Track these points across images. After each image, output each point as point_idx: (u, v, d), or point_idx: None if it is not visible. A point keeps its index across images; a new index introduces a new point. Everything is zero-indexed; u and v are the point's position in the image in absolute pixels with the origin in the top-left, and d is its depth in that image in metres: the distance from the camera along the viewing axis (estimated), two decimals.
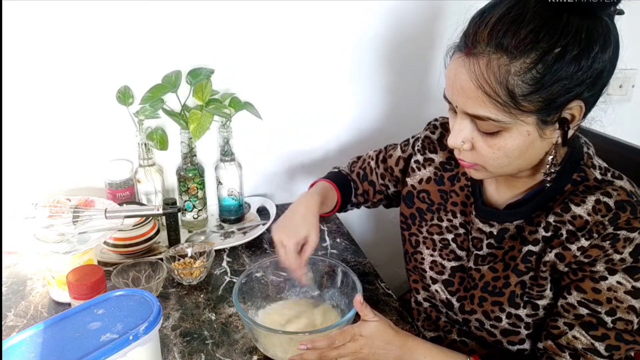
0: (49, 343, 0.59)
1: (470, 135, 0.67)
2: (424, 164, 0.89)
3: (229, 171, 1.12)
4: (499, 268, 0.77)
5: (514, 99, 0.60)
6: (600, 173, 0.70)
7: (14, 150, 1.06)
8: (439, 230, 0.86)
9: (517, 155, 0.66)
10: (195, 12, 1.06)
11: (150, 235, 1.03)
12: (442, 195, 0.86)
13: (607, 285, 0.66)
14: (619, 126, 1.09)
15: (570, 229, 0.68)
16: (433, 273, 0.86)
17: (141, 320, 0.62)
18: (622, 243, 0.64)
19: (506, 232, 0.76)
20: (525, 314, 0.74)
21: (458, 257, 0.83)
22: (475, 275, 0.80)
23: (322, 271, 0.90)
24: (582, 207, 0.67)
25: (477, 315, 0.78)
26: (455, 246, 0.83)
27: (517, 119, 0.62)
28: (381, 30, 1.20)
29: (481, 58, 0.61)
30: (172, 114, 1.07)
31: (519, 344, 0.76)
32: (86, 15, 1.00)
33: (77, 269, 0.81)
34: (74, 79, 1.04)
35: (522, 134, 0.63)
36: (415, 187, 0.90)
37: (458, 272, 0.83)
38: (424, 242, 0.88)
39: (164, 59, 1.07)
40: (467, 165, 0.71)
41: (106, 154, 1.12)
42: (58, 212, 0.90)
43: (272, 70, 1.16)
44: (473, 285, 0.80)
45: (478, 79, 0.61)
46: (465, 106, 0.64)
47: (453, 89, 0.65)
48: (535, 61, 0.59)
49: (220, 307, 0.90)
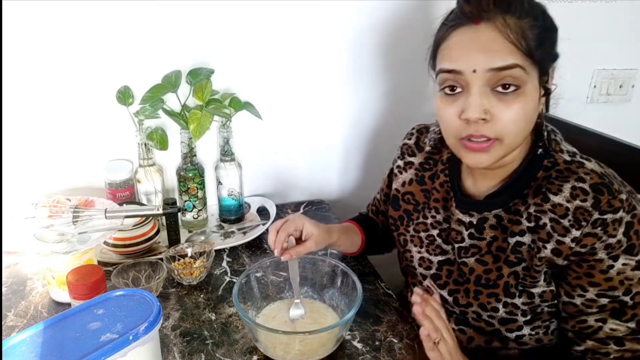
0: (49, 343, 0.59)
1: (489, 104, 0.69)
2: (405, 167, 0.94)
3: (229, 171, 1.12)
4: (488, 261, 0.79)
5: (530, 49, 0.67)
6: (568, 155, 0.75)
7: (14, 150, 1.06)
8: (425, 228, 0.89)
9: (528, 117, 0.70)
10: (195, 12, 1.06)
11: (150, 235, 1.03)
12: (425, 195, 0.90)
13: (616, 271, 0.70)
14: (619, 126, 1.10)
15: (553, 217, 0.72)
16: (422, 269, 0.89)
17: (141, 320, 0.62)
18: (612, 226, 0.68)
19: (485, 222, 0.79)
20: (522, 302, 0.77)
21: (444, 251, 0.86)
22: (464, 269, 0.82)
23: (322, 271, 0.90)
24: (560, 195, 0.71)
25: (474, 308, 0.81)
26: (441, 241, 0.87)
27: (532, 71, 0.68)
28: (381, 29, 1.20)
29: (495, 20, 0.67)
30: (172, 114, 1.07)
31: (517, 331, 0.79)
32: (86, 15, 1.00)
33: (77, 269, 0.81)
34: (74, 79, 1.04)
35: (532, 91, 0.69)
36: (400, 191, 0.94)
37: (445, 266, 0.86)
38: (411, 241, 0.91)
39: (164, 59, 1.07)
40: (482, 148, 0.71)
41: (106, 154, 1.12)
42: (58, 212, 0.90)
43: (272, 70, 1.16)
44: (465, 280, 0.82)
45: (503, 32, 0.67)
46: (492, 61, 0.67)
47: (470, 53, 0.68)
48: (535, 20, 0.68)
49: (220, 307, 0.90)
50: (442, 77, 0.72)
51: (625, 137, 0.98)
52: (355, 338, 0.83)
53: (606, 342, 0.73)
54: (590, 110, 1.44)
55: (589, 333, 0.74)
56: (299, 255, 0.85)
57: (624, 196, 0.68)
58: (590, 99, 1.44)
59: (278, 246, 0.83)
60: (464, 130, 0.71)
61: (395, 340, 0.83)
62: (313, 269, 0.91)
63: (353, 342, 0.82)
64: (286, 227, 0.84)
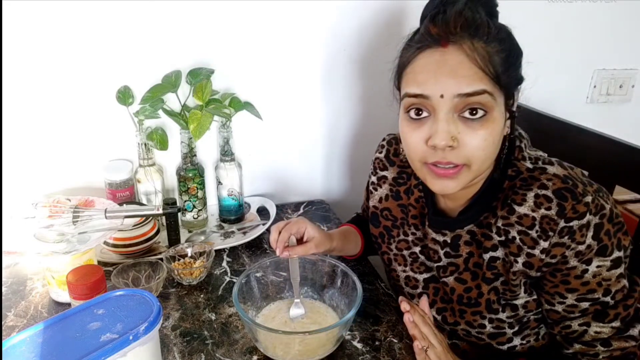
0: (49, 343, 0.59)
1: (457, 130, 0.67)
2: (379, 183, 0.93)
3: (229, 171, 1.12)
4: (467, 278, 0.79)
5: (497, 74, 0.66)
6: (530, 163, 0.74)
7: (14, 150, 1.06)
8: (407, 245, 0.88)
9: (495, 142, 0.69)
10: (195, 12, 1.06)
11: (150, 235, 1.03)
12: (402, 210, 0.89)
13: (592, 274, 0.69)
14: (619, 126, 1.10)
15: (520, 229, 0.71)
16: (409, 288, 0.89)
17: (141, 320, 0.62)
18: (579, 233, 0.67)
19: (459, 239, 0.79)
20: (506, 316, 0.77)
21: (428, 268, 0.86)
22: (446, 289, 0.82)
23: (322, 271, 0.90)
24: (524, 205, 0.71)
25: (462, 326, 0.81)
26: (424, 258, 0.86)
27: (498, 97, 0.67)
28: (381, 29, 1.20)
29: (463, 44, 0.66)
30: (172, 114, 1.07)
31: (507, 343, 0.79)
32: (86, 15, 1.00)
33: (77, 269, 0.81)
34: (74, 79, 1.04)
35: (498, 116, 0.68)
36: (377, 207, 0.93)
37: (431, 283, 0.85)
38: (395, 260, 0.90)
39: (164, 59, 1.07)
40: (446, 173, 0.70)
41: (106, 154, 1.12)
42: (58, 212, 0.90)
43: (272, 70, 1.16)
44: (448, 300, 0.82)
45: (471, 56, 0.65)
46: (459, 87, 0.65)
47: (437, 78, 0.67)
48: (500, 45, 0.67)
49: (220, 307, 0.90)
50: (407, 101, 0.70)
51: (625, 137, 0.98)
52: (355, 338, 0.83)
53: (593, 344, 0.73)
54: (590, 110, 1.44)
55: (575, 337, 0.74)
56: (299, 255, 0.85)
57: (589, 198, 0.67)
58: (590, 99, 1.44)
59: (280, 245, 0.83)
60: (430, 156, 0.69)
61: (395, 340, 0.83)
62: (313, 269, 0.91)
63: (353, 342, 0.82)
64: (289, 228, 0.85)
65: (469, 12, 0.67)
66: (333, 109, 1.26)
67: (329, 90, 1.23)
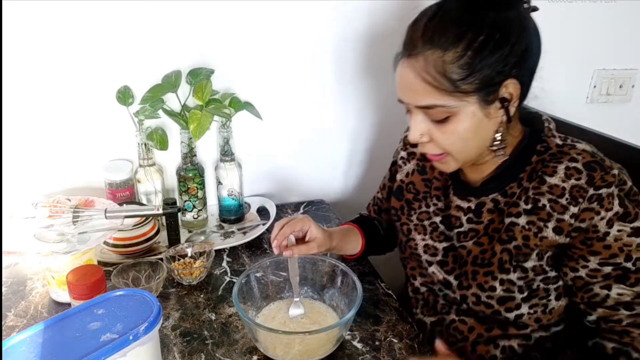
0: (49, 343, 0.59)
1: (427, 128, 0.76)
2: (408, 158, 0.98)
3: (229, 171, 1.12)
4: (484, 242, 0.82)
5: (453, 83, 0.70)
6: (560, 140, 0.79)
7: (14, 150, 1.06)
8: (428, 216, 0.91)
9: (470, 136, 0.74)
10: (195, 12, 1.06)
11: (150, 235, 1.03)
12: (426, 184, 0.93)
13: (613, 238, 0.73)
14: (619, 126, 1.10)
15: (551, 197, 0.75)
16: (427, 256, 0.90)
17: (141, 320, 0.62)
18: (607, 200, 0.72)
19: (483, 206, 0.83)
20: (517, 277, 0.79)
21: (448, 238, 0.88)
22: (462, 252, 0.85)
23: (322, 271, 0.90)
24: (555, 176, 0.75)
25: (473, 290, 0.82)
26: (444, 227, 0.89)
27: (460, 101, 0.71)
28: (383, 28, 1.20)
29: (419, 56, 0.71)
30: (172, 114, 1.07)
31: (515, 310, 0.81)
32: (86, 15, 1.00)
33: (77, 269, 0.81)
34: (74, 79, 1.04)
35: (469, 115, 0.72)
36: (404, 181, 0.97)
37: (450, 252, 0.88)
38: (415, 229, 0.93)
39: (164, 59, 1.07)
40: (433, 159, 0.80)
41: (106, 154, 1.12)
42: (58, 212, 0.90)
43: (272, 70, 1.16)
44: (463, 262, 0.85)
45: (420, 73, 0.71)
46: (416, 100, 0.74)
47: (402, 89, 0.75)
48: (465, 49, 0.69)
49: (220, 307, 0.90)
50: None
51: (625, 137, 0.98)
52: (355, 338, 0.83)
53: (616, 308, 0.74)
54: (590, 110, 1.44)
55: (597, 302, 0.76)
56: (300, 254, 0.85)
57: (615, 171, 0.72)
58: (590, 99, 1.44)
59: (280, 238, 0.84)
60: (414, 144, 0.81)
61: (395, 340, 0.83)
62: (313, 269, 0.91)
63: (353, 342, 0.82)
64: (292, 225, 0.86)
65: (436, 20, 0.71)
66: (333, 108, 1.26)
67: (329, 90, 1.23)
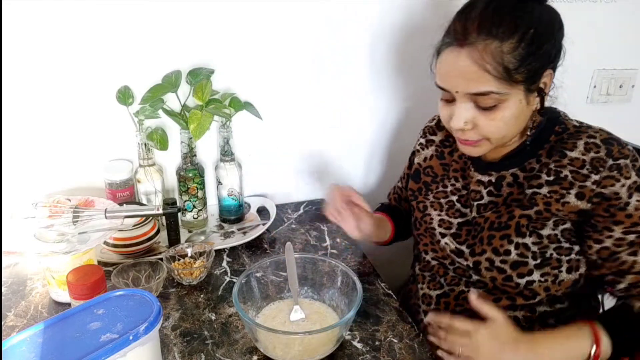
0: (49, 343, 0.59)
1: (472, 115, 0.79)
2: (426, 145, 1.03)
3: (229, 171, 1.12)
4: (502, 210, 0.86)
5: (509, 73, 0.74)
6: (577, 122, 0.86)
7: (14, 150, 1.06)
8: (445, 195, 0.96)
9: (513, 122, 0.79)
10: (195, 12, 1.06)
11: (150, 235, 1.03)
12: (444, 167, 0.98)
13: (633, 207, 0.78)
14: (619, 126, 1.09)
15: (572, 168, 0.80)
16: (441, 229, 0.95)
17: (141, 320, 0.62)
18: (625, 169, 0.77)
19: (503, 180, 0.88)
20: (532, 242, 0.82)
21: (463, 214, 0.93)
22: (479, 221, 0.89)
23: (322, 271, 0.90)
24: (575, 150, 0.81)
25: (487, 255, 0.85)
26: (460, 205, 0.94)
27: (512, 89, 0.75)
28: (385, 28, 1.20)
29: (477, 45, 0.74)
30: (172, 114, 1.07)
31: (527, 276, 0.83)
32: (86, 15, 1.00)
33: (77, 269, 0.81)
34: (74, 78, 1.04)
35: (515, 103, 0.77)
36: (421, 165, 1.02)
37: (464, 226, 0.92)
38: (431, 206, 0.97)
39: (164, 59, 1.07)
40: (471, 143, 0.83)
41: (106, 154, 1.12)
42: (58, 212, 0.90)
43: (272, 70, 1.16)
44: (480, 229, 0.88)
45: (478, 61, 0.74)
46: (468, 87, 0.76)
47: (451, 77, 0.78)
48: (519, 41, 0.73)
49: (220, 307, 0.90)
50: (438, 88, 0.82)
51: (625, 137, 0.97)
52: (355, 338, 0.83)
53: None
54: (590, 110, 1.44)
55: (626, 269, 0.79)
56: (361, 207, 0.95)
57: (630, 147, 0.79)
58: (590, 99, 1.44)
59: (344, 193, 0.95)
60: (454, 131, 0.83)
61: (395, 340, 0.83)
62: (313, 269, 0.91)
63: (353, 342, 0.82)
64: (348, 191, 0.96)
65: (491, 12, 0.74)
66: (333, 108, 1.26)
67: (329, 90, 1.23)
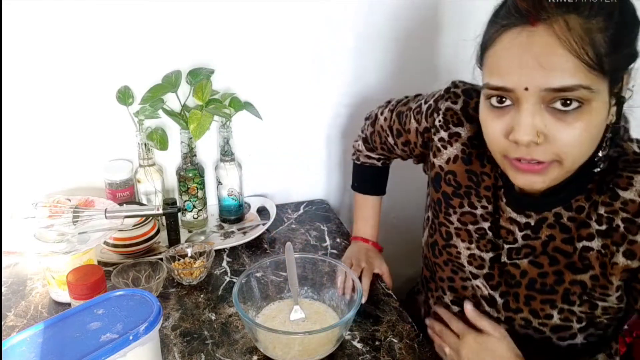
0: (49, 343, 0.59)
1: (543, 124, 0.58)
2: (450, 140, 0.78)
3: (229, 171, 1.12)
4: (544, 262, 0.70)
5: (599, 58, 0.55)
6: (638, 146, 0.66)
7: (13, 150, 1.06)
8: (474, 219, 0.76)
9: (594, 136, 0.60)
10: (195, 12, 1.06)
11: (150, 235, 1.03)
12: (470, 177, 0.76)
13: None
14: None
15: (625, 216, 0.64)
16: (473, 268, 0.77)
17: (141, 320, 0.62)
18: None
19: (544, 222, 0.69)
20: (580, 310, 0.69)
21: (495, 247, 0.75)
22: (513, 271, 0.73)
23: (322, 271, 0.90)
24: (630, 190, 0.63)
25: (524, 314, 0.73)
26: (492, 235, 0.75)
27: (600, 86, 0.57)
28: (383, 28, 1.20)
29: (556, 22, 0.55)
30: (172, 114, 1.07)
31: (569, 340, 0.72)
32: (86, 15, 1.00)
33: (77, 269, 0.81)
34: (74, 78, 1.04)
35: (600, 108, 0.58)
36: (443, 169, 0.80)
37: (496, 264, 0.76)
38: (457, 234, 0.78)
39: (164, 59, 1.07)
40: (536, 169, 0.61)
41: (106, 154, 1.12)
42: (58, 212, 0.90)
43: (272, 70, 1.16)
44: (515, 283, 0.73)
45: (563, 43, 0.55)
46: (548, 80, 0.56)
47: (520, 69, 0.57)
48: (606, 20, 0.56)
49: (220, 307, 0.90)
50: (488, 92, 0.62)
51: None
52: (355, 338, 0.83)
53: None
54: None
55: None
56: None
57: None
58: None
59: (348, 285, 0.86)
60: (512, 150, 0.61)
61: (395, 340, 0.83)
62: (313, 269, 0.91)
63: (353, 342, 0.82)
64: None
65: None
66: (333, 108, 1.26)
67: (329, 90, 1.23)
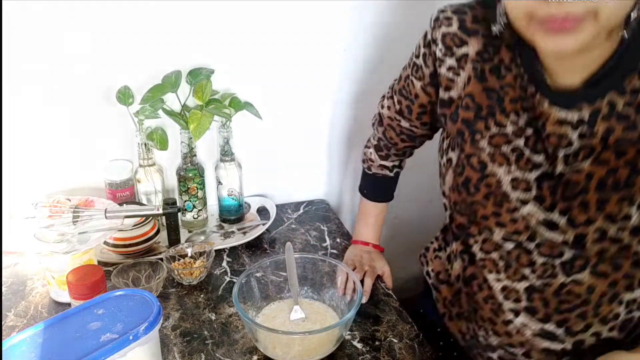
0: (49, 343, 0.59)
1: None
2: (460, 64, 0.71)
3: (229, 171, 1.12)
4: (609, 158, 0.61)
5: None
6: None
7: (14, 150, 1.06)
8: (506, 139, 0.68)
9: None
10: (195, 12, 1.06)
11: (150, 235, 1.03)
12: (488, 95, 0.69)
13: None
14: None
15: None
16: (519, 192, 0.68)
17: (141, 320, 0.62)
18: None
19: (597, 116, 0.61)
20: None
21: (537, 165, 0.67)
22: (576, 178, 0.64)
23: (322, 271, 0.90)
24: None
25: (598, 224, 0.64)
26: (529, 151, 0.67)
27: None
28: (383, 28, 1.20)
29: None
30: (172, 114, 1.07)
31: None
32: (86, 15, 1.00)
33: (77, 269, 0.81)
34: (74, 78, 1.04)
35: None
36: (461, 96, 0.72)
37: (545, 182, 0.66)
38: (492, 160, 0.69)
39: (164, 59, 1.07)
40: (569, 25, 0.53)
41: (106, 154, 1.12)
42: (58, 212, 0.90)
43: (272, 70, 1.16)
44: (579, 190, 0.64)
45: None
46: None
47: None
48: None
49: (220, 307, 0.90)
50: None
51: None
52: (355, 338, 0.83)
53: None
54: None
55: None
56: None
57: None
58: None
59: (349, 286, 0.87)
60: (540, 6, 0.53)
61: (395, 340, 0.83)
62: (313, 269, 0.91)
63: (353, 342, 0.82)
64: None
65: None
66: (333, 108, 1.26)
67: (329, 90, 1.23)
